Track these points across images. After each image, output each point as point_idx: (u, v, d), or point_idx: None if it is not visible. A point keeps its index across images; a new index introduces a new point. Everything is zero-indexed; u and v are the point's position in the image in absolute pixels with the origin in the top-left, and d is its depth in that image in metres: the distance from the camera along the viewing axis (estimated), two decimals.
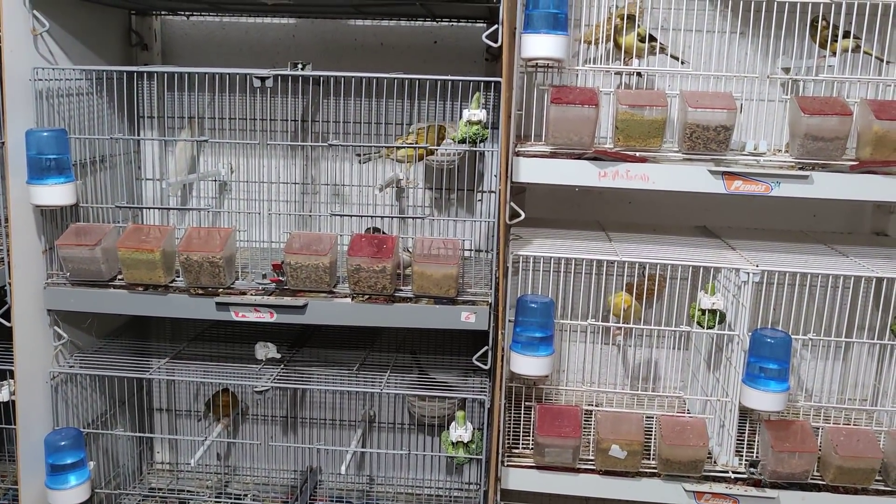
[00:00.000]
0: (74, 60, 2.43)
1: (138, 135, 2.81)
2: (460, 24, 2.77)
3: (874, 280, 2.25)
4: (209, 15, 2.83)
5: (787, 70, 2.41)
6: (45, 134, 2.21)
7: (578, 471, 2.33)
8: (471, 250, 2.82)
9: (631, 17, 2.32)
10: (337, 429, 3.03)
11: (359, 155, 2.51)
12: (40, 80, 2.25)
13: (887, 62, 2.39)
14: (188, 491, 2.94)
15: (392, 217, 2.65)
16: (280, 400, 3.02)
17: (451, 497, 2.98)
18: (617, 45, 2.37)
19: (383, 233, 2.49)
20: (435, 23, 2.77)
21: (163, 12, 2.82)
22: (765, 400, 2.16)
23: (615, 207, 2.87)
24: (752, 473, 2.31)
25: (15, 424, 2.33)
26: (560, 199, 2.87)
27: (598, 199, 2.87)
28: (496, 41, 2.09)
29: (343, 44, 2.83)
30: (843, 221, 2.84)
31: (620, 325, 2.37)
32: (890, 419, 2.47)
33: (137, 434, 2.90)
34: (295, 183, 2.77)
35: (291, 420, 3.04)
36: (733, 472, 2.32)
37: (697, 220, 2.84)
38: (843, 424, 2.39)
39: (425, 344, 2.87)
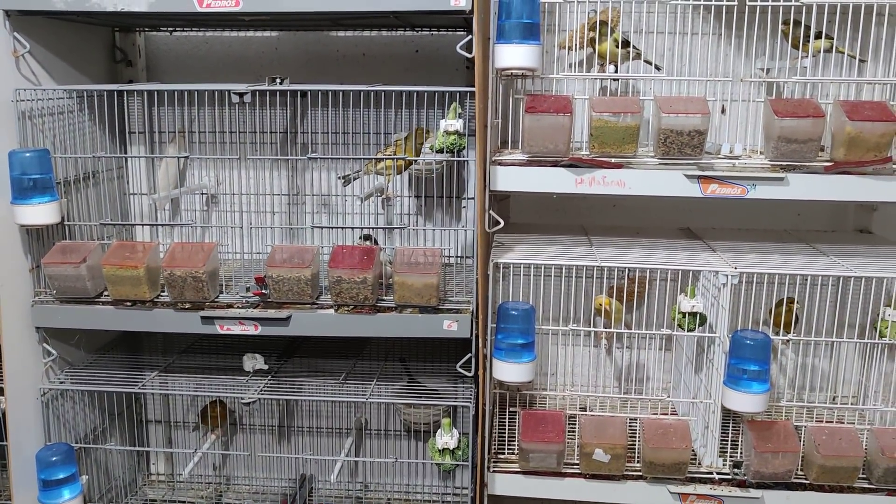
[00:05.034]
0: (58, 79, 2.46)
1: (126, 150, 2.83)
2: (440, 32, 2.78)
3: (852, 279, 2.26)
4: (192, 30, 2.85)
5: (766, 71, 2.42)
6: (28, 154, 2.24)
7: (564, 475, 2.34)
8: (457, 257, 2.83)
9: (604, 24, 2.33)
10: (329, 436, 3.05)
11: (341, 177, 2.53)
12: (23, 100, 2.27)
13: (861, 60, 2.40)
14: (184, 502, 2.97)
15: (375, 228, 2.67)
16: (272, 409, 3.04)
17: (443, 502, 3.00)
18: (596, 51, 2.38)
19: (376, 241, 2.51)
20: (415, 32, 2.79)
21: (146, 29, 2.85)
22: (746, 401, 2.17)
23: (600, 211, 2.88)
24: (737, 474, 2.32)
25: (6, 441, 2.36)
26: (545, 204, 2.88)
27: (582, 204, 2.89)
28: (471, 52, 2.11)
29: (326, 55, 2.85)
30: (827, 219, 2.85)
31: (603, 329, 2.39)
32: (874, 417, 2.48)
33: (128, 448, 2.93)
34: (281, 194, 2.79)
35: (284, 429, 3.06)
36: (718, 474, 2.33)
37: (682, 222, 2.85)
38: (830, 422, 2.39)
39: (416, 351, 2.89)
